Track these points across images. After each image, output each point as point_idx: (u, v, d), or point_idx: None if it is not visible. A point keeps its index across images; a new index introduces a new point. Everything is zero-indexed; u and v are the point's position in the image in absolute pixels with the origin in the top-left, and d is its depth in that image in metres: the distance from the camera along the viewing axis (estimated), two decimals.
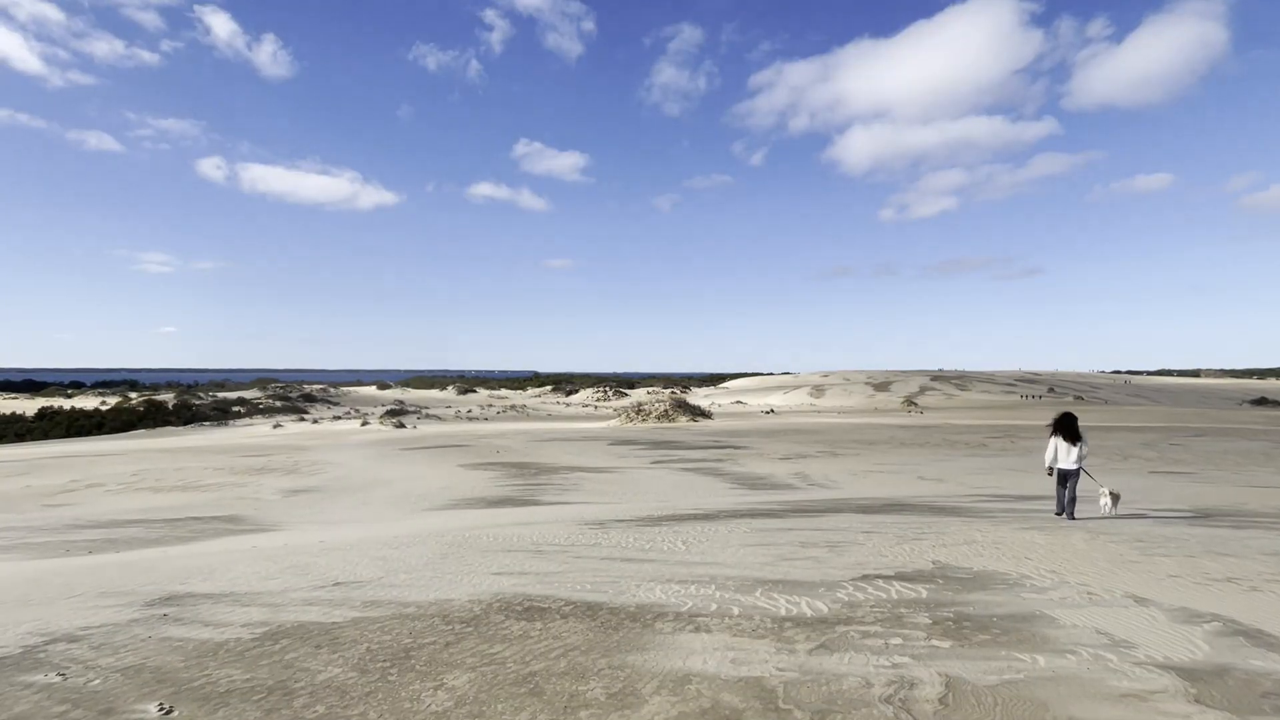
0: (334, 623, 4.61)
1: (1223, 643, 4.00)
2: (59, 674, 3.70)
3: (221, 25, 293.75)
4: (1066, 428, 8.98)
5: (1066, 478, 8.95)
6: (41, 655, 4.02)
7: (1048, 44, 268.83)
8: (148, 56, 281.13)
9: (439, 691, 3.42)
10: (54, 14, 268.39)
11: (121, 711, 3.23)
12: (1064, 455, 9.00)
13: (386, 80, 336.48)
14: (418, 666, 3.76)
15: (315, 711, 3.22)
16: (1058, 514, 9.04)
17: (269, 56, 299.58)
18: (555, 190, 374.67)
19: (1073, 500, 8.90)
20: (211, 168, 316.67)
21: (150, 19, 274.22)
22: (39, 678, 3.65)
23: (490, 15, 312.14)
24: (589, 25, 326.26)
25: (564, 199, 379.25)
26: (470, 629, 4.42)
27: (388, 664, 3.80)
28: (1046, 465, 9.19)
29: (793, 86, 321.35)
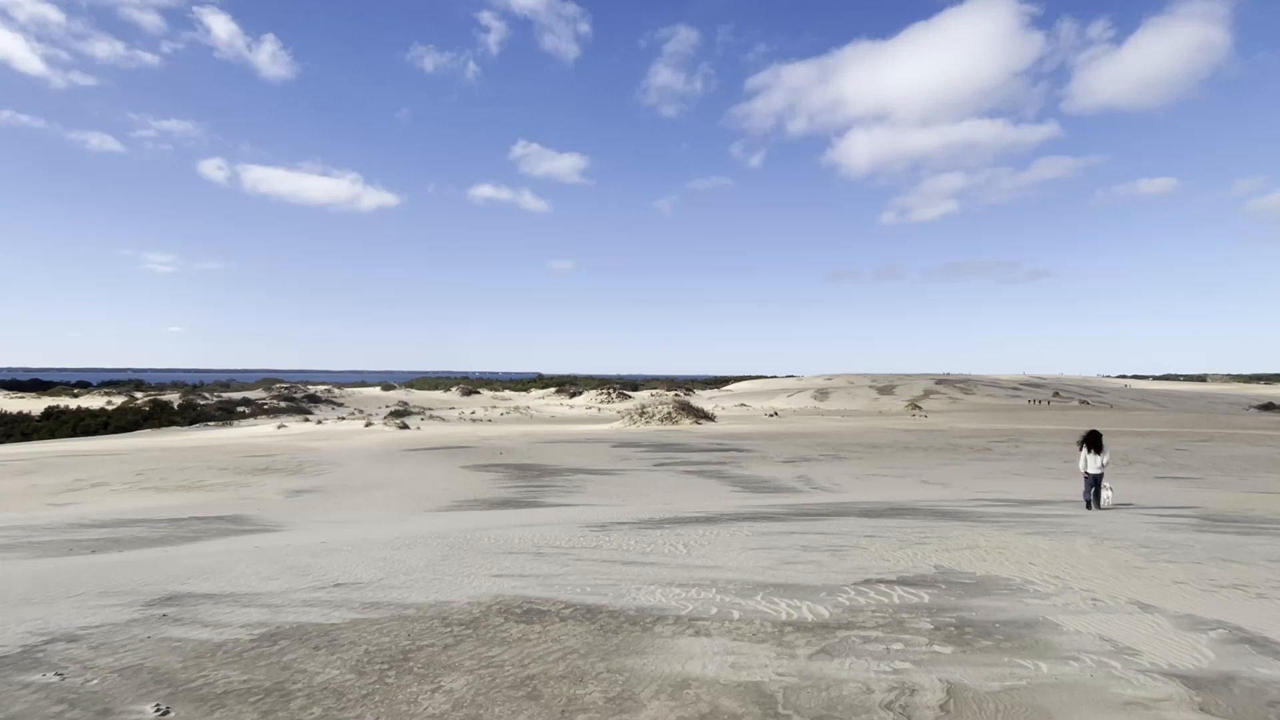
0: (333, 624, 4.60)
1: (1228, 650, 3.95)
2: (57, 674, 3.69)
3: (221, 26, 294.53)
4: (1093, 442, 11.58)
5: (1092, 479, 11.45)
6: (40, 655, 4.02)
7: (1048, 46, 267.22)
8: (148, 58, 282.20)
9: (436, 694, 3.40)
10: (54, 15, 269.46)
11: (118, 712, 3.22)
12: (1090, 462, 11.47)
13: (385, 82, 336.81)
14: (416, 669, 3.74)
15: (312, 713, 3.20)
16: (1086, 507, 11.42)
17: (269, 57, 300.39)
18: (556, 192, 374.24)
19: (1096, 496, 11.33)
20: (213, 169, 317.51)
21: (150, 20, 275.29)
22: (37, 677, 3.64)
23: (486, 17, 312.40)
24: (585, 27, 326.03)
25: (565, 201, 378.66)
26: (469, 631, 4.41)
27: (386, 666, 3.79)
28: (1080, 469, 11.78)
29: (790, 89, 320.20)
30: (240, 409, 61.40)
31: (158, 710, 3.23)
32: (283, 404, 67.75)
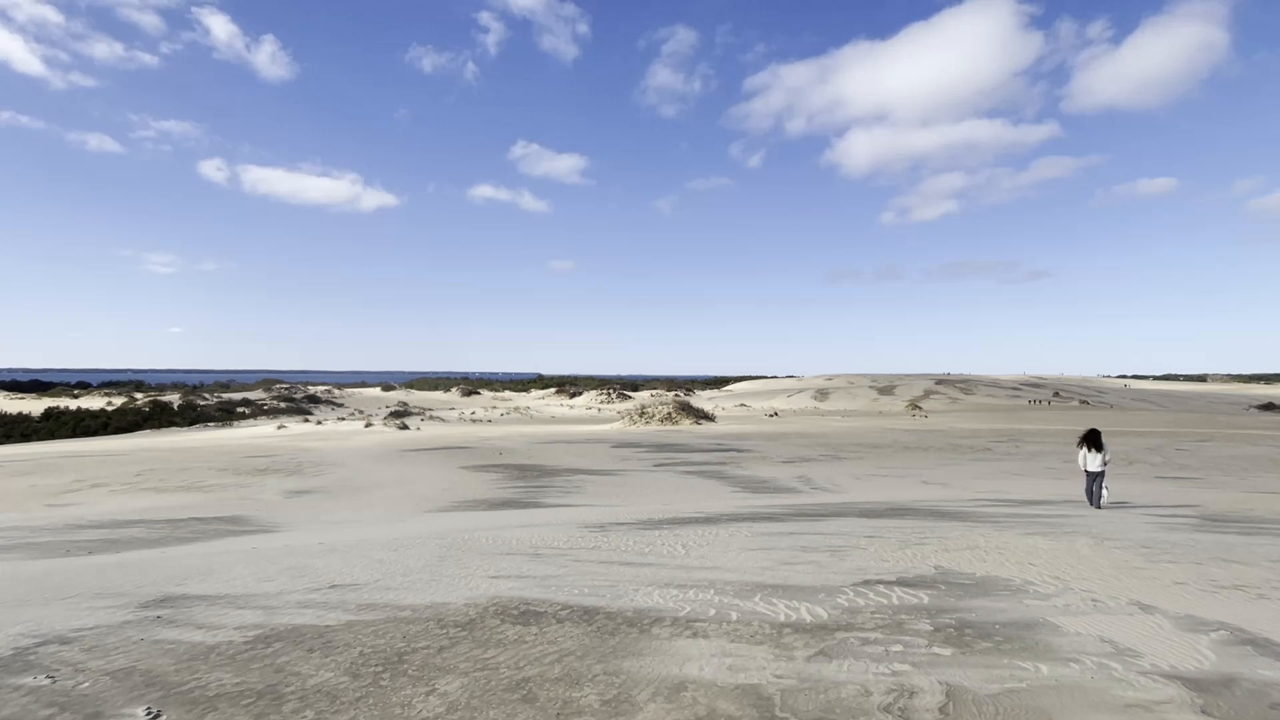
0: (328, 626, 4.57)
1: (1230, 652, 3.92)
2: (48, 676, 3.66)
3: (220, 27, 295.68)
4: (1092, 440, 11.76)
5: (1093, 477, 11.50)
6: (32, 657, 3.99)
7: (1047, 46, 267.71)
8: (148, 58, 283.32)
9: (430, 697, 3.37)
10: (53, 16, 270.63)
11: (109, 715, 3.19)
12: (1090, 460, 11.59)
13: (384, 82, 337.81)
14: (410, 671, 3.71)
15: (305, 716, 3.17)
16: (1088, 502, 11.55)
17: (268, 58, 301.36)
18: (556, 192, 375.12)
19: (1099, 494, 11.32)
20: (213, 169, 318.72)
21: (149, 20, 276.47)
22: (28, 680, 3.61)
23: (485, 17, 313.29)
24: (583, 28, 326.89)
25: (565, 201, 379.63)
26: (465, 633, 4.37)
27: (380, 668, 3.76)
28: (1080, 466, 11.90)
29: (789, 89, 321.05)
30: (240, 409, 61.36)
31: (149, 713, 3.20)
32: (283, 404, 67.72)
